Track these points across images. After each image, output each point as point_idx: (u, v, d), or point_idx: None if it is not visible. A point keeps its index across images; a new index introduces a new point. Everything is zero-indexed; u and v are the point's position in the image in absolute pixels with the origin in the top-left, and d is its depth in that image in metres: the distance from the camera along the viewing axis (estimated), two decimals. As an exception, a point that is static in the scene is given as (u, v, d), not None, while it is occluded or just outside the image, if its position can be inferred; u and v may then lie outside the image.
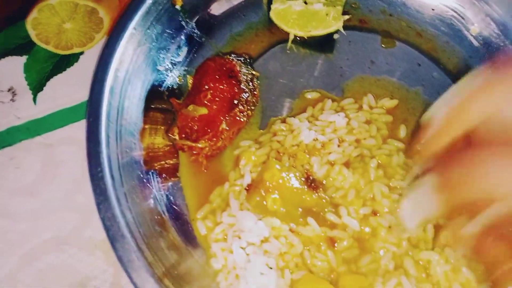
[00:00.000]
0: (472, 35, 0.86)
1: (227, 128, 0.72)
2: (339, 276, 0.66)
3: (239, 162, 0.73)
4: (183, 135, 0.71)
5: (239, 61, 0.77)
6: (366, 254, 0.68)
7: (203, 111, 0.71)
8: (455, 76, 0.84)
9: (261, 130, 0.78)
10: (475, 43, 0.86)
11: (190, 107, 0.72)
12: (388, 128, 0.78)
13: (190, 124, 0.72)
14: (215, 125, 0.71)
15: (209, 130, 0.71)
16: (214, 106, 0.72)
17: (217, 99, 0.72)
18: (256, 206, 0.67)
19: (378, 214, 0.69)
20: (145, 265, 0.57)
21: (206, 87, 0.73)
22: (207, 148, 0.72)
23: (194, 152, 0.72)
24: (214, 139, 0.71)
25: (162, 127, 0.76)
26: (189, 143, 0.70)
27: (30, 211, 0.72)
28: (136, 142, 0.71)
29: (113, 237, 0.57)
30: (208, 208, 0.71)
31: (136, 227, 0.60)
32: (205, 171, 0.74)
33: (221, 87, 0.73)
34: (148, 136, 0.74)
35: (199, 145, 0.70)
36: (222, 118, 0.71)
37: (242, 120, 0.73)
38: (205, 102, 0.72)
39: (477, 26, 0.86)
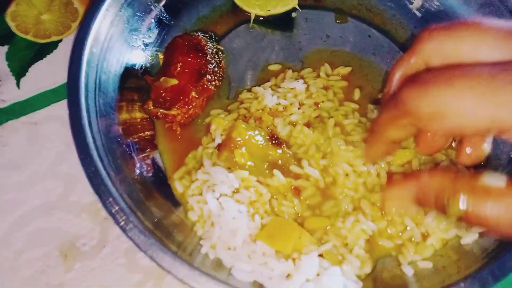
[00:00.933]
0: (415, 8, 0.96)
1: (197, 96, 0.79)
2: (304, 219, 0.74)
3: (210, 128, 0.81)
4: (157, 105, 0.78)
5: (205, 37, 0.85)
6: (328, 200, 0.76)
7: (174, 81, 0.78)
8: (402, 44, 0.94)
9: (229, 100, 0.86)
10: (418, 14, 0.96)
11: (162, 79, 0.79)
12: (343, 92, 0.87)
13: (163, 95, 0.79)
14: (185, 93, 0.78)
15: (180, 98, 0.78)
16: (184, 77, 0.80)
17: (186, 70, 0.80)
18: (226, 160, 0.74)
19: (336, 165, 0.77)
20: (131, 213, 0.63)
21: (176, 61, 0.80)
22: (179, 116, 0.79)
23: (168, 120, 0.79)
24: (186, 106, 0.78)
25: (138, 103, 0.83)
26: (162, 110, 0.77)
27: (18, 182, 0.78)
28: (114, 113, 0.77)
29: (98, 189, 0.63)
30: (184, 169, 0.78)
31: (119, 183, 0.67)
32: (180, 137, 0.81)
33: (189, 59, 0.80)
34: (125, 112, 0.81)
35: (172, 112, 0.78)
36: (191, 87, 0.79)
37: (210, 88, 0.81)
38: (175, 74, 0.79)
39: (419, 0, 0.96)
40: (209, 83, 0.80)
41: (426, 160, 0.79)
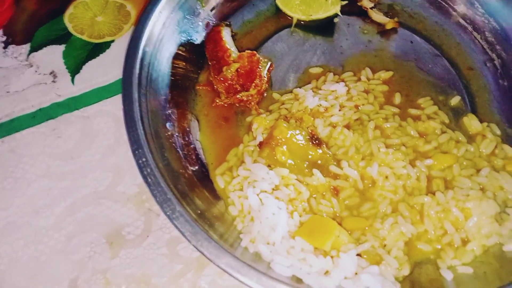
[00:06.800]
0: (459, 15, 0.96)
1: (265, 77, 0.85)
2: (342, 219, 0.74)
3: (252, 127, 0.83)
4: (231, 94, 0.83)
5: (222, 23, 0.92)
6: (367, 201, 0.76)
7: (236, 65, 0.83)
8: (444, 50, 0.93)
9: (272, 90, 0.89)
10: (462, 21, 0.96)
11: (224, 69, 0.83)
12: (384, 96, 0.87)
13: (233, 84, 0.83)
14: (255, 72, 0.84)
15: (254, 77, 0.83)
16: (243, 59, 0.85)
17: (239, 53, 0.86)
18: (267, 157, 0.76)
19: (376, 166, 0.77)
20: (178, 203, 0.66)
21: (224, 49, 0.86)
22: (255, 96, 0.84)
23: (247, 101, 0.84)
24: (261, 83, 0.84)
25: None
26: (242, 94, 0.83)
27: (71, 171, 0.83)
28: (163, 109, 0.81)
29: (148, 180, 0.67)
30: (225, 165, 0.81)
31: (167, 175, 0.70)
32: (221, 134, 0.84)
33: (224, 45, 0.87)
34: (172, 108, 0.85)
35: (252, 92, 0.83)
36: (257, 65, 0.84)
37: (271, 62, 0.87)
38: (231, 60, 0.84)
39: (463, 7, 0.96)
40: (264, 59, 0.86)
41: (467, 165, 0.78)
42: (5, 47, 0.97)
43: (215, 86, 0.86)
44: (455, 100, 0.87)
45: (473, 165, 0.78)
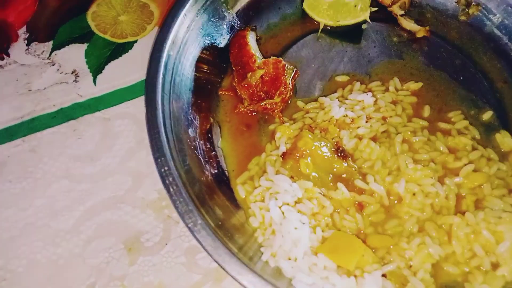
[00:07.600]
0: (494, 25, 0.92)
1: (290, 84, 0.83)
2: (366, 236, 0.72)
3: (275, 136, 0.81)
4: (255, 100, 0.81)
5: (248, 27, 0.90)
6: (392, 218, 0.74)
7: (261, 72, 0.81)
8: (476, 62, 0.90)
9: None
10: (497, 32, 0.91)
11: (249, 75, 0.81)
12: (413, 108, 0.84)
13: (257, 90, 0.82)
14: (280, 80, 0.81)
15: (278, 85, 0.81)
16: (268, 66, 0.82)
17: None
18: (291, 169, 0.74)
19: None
20: (199, 215, 0.64)
21: (249, 54, 0.84)
22: (279, 104, 0.82)
23: (271, 109, 0.82)
24: (284, 91, 0.82)
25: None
26: (266, 101, 0.81)
27: (90, 174, 0.82)
28: (186, 115, 0.80)
29: (170, 189, 0.65)
30: (247, 174, 0.79)
31: (188, 183, 0.68)
32: (244, 142, 0.82)
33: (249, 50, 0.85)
34: (194, 113, 0.83)
35: (276, 100, 0.81)
36: (281, 73, 0.82)
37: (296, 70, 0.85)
38: (256, 67, 0.82)
39: (499, 16, 0.91)
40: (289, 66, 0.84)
41: (499, 185, 0.75)
42: (28, 44, 0.97)
43: (239, 92, 0.84)
44: (487, 115, 0.83)
45: (506, 185, 0.75)
